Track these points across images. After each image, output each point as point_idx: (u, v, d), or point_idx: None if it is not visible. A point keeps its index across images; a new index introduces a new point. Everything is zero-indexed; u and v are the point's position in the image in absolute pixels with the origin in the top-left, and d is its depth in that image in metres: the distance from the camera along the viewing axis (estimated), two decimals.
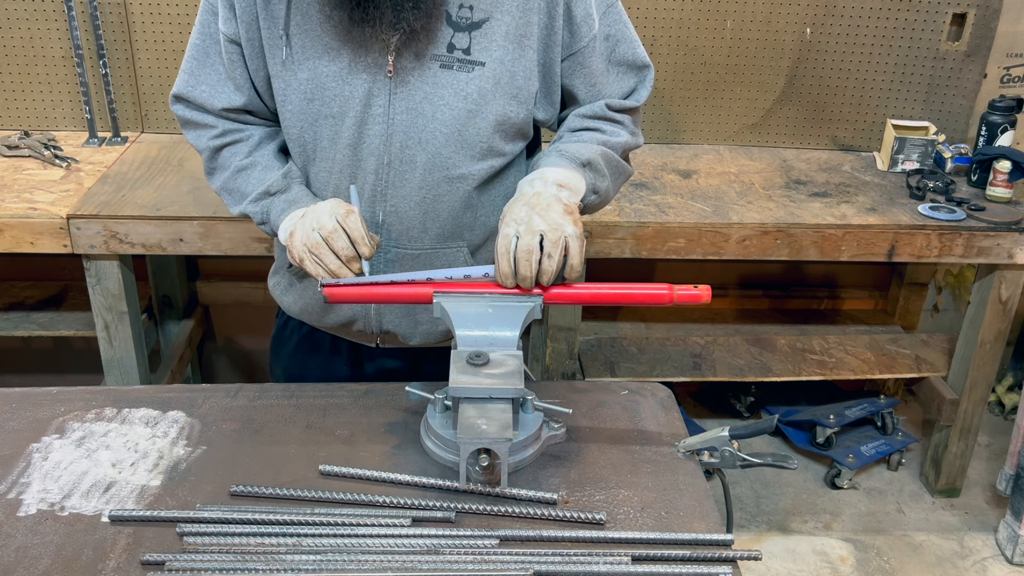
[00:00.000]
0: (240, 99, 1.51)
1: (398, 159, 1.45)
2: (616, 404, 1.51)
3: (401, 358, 1.69)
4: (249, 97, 1.51)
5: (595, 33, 1.47)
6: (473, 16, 1.41)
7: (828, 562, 2.66)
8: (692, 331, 2.99)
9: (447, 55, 1.41)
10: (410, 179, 1.46)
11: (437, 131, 1.44)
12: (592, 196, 1.46)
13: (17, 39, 2.68)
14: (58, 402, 1.47)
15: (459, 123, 1.43)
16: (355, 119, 1.43)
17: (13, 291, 2.88)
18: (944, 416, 2.80)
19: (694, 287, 1.34)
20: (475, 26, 1.41)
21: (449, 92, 1.42)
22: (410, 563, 1.14)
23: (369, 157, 1.45)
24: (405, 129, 1.43)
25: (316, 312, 1.61)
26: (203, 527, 1.19)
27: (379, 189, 1.47)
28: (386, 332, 1.60)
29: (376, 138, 1.44)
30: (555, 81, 1.50)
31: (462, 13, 1.40)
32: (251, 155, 1.53)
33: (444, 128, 1.43)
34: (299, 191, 1.50)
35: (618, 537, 1.20)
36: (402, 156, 1.45)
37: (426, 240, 1.51)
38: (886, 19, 2.80)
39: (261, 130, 1.56)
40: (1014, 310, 2.63)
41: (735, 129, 2.96)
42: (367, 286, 1.39)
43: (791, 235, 2.44)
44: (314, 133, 1.47)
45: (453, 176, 1.47)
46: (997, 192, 2.60)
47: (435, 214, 1.49)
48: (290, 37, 1.43)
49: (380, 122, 1.43)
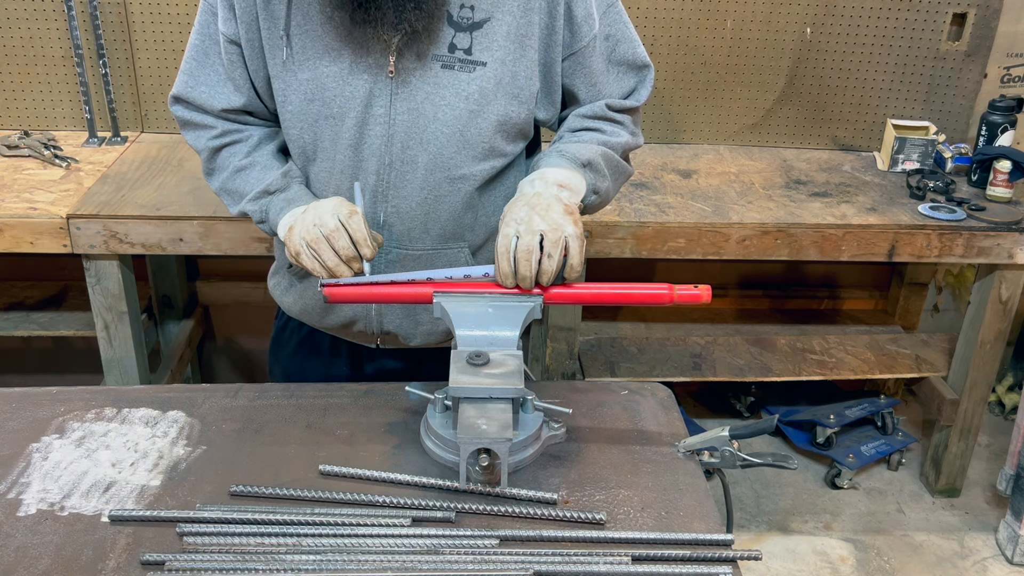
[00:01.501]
0: (239, 100, 1.50)
1: (399, 159, 1.45)
2: (616, 404, 1.51)
3: (401, 359, 1.69)
4: (248, 98, 1.51)
5: (595, 33, 1.47)
6: (474, 16, 1.40)
7: (828, 562, 2.66)
8: (692, 331, 2.99)
9: (448, 55, 1.41)
10: (411, 179, 1.46)
11: (439, 131, 1.43)
12: (592, 196, 1.46)
13: (17, 39, 2.68)
14: (58, 402, 1.47)
15: (460, 123, 1.43)
16: (356, 120, 1.43)
17: (13, 291, 2.88)
18: (944, 416, 2.80)
19: (694, 287, 1.34)
20: (476, 26, 1.41)
21: (451, 92, 1.42)
22: (410, 563, 1.14)
23: (370, 158, 1.45)
24: (407, 130, 1.43)
25: (316, 313, 1.61)
26: (203, 527, 1.19)
27: (380, 189, 1.47)
28: (387, 333, 1.60)
29: (377, 139, 1.44)
30: (556, 81, 1.50)
31: (463, 13, 1.40)
32: (250, 155, 1.53)
33: (446, 128, 1.43)
34: (298, 190, 1.50)
35: (618, 537, 1.20)
36: (403, 156, 1.45)
37: (427, 240, 1.51)
38: (886, 19, 2.80)
39: (260, 131, 1.56)
40: (1014, 310, 2.63)
41: (735, 129, 2.96)
42: (367, 286, 1.39)
43: (791, 235, 2.44)
44: (314, 134, 1.47)
45: (455, 176, 1.47)
46: (997, 192, 2.60)
47: (436, 214, 1.49)
48: (291, 38, 1.42)
49: (381, 123, 1.43)
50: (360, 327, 1.60)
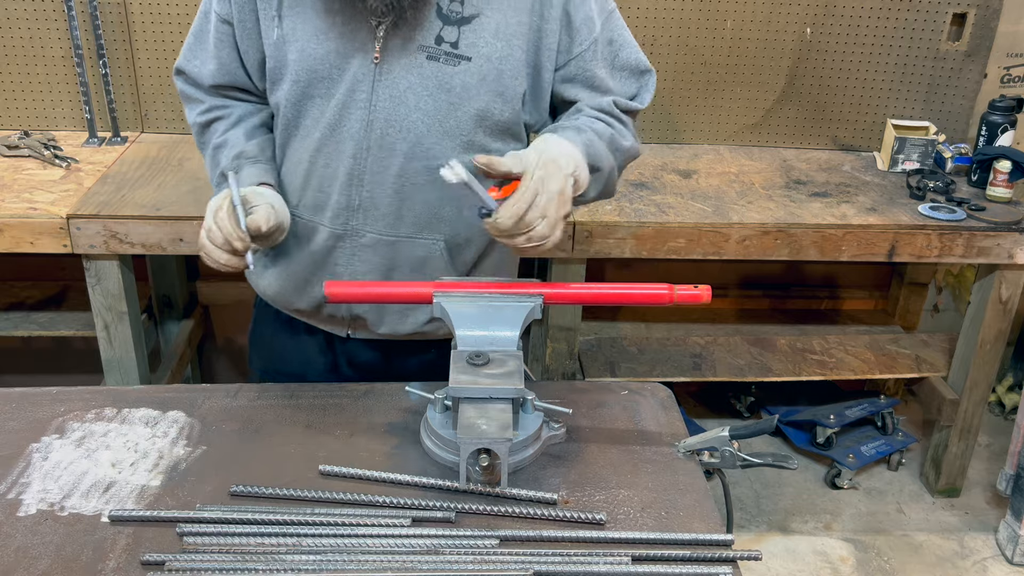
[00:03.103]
0: (225, 78, 1.54)
1: (377, 145, 1.46)
2: (616, 404, 1.51)
3: (374, 349, 1.68)
4: (234, 76, 1.54)
5: (596, 36, 1.47)
6: (463, 11, 1.42)
7: (828, 562, 2.66)
8: (692, 331, 2.99)
9: (434, 47, 1.42)
10: (389, 166, 1.47)
11: (419, 120, 1.45)
12: (578, 202, 1.45)
13: (17, 39, 2.68)
14: (58, 402, 1.47)
15: (440, 114, 1.45)
16: (339, 102, 1.45)
17: (13, 291, 2.88)
18: (944, 416, 2.80)
19: (694, 287, 1.34)
20: (465, 21, 1.42)
21: (433, 83, 1.43)
22: (410, 563, 1.14)
23: (348, 141, 1.47)
24: (387, 116, 1.45)
25: (289, 295, 1.61)
26: (203, 527, 1.19)
27: (356, 173, 1.48)
28: (356, 317, 1.60)
29: (356, 123, 1.45)
30: (543, 87, 1.50)
31: (453, 7, 1.41)
32: (225, 134, 1.56)
33: (426, 118, 1.44)
34: (247, 172, 1.50)
35: (618, 537, 1.20)
36: (382, 142, 1.46)
37: (401, 228, 1.51)
38: (886, 19, 2.80)
39: (243, 107, 1.59)
40: (1014, 310, 2.63)
41: (735, 129, 2.96)
42: (367, 285, 1.40)
43: (791, 235, 2.44)
44: (297, 112, 1.49)
45: (432, 167, 1.46)
46: (997, 192, 2.60)
47: (411, 203, 1.50)
48: (282, 18, 1.45)
49: (362, 107, 1.45)
50: (330, 310, 1.60)
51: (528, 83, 1.49)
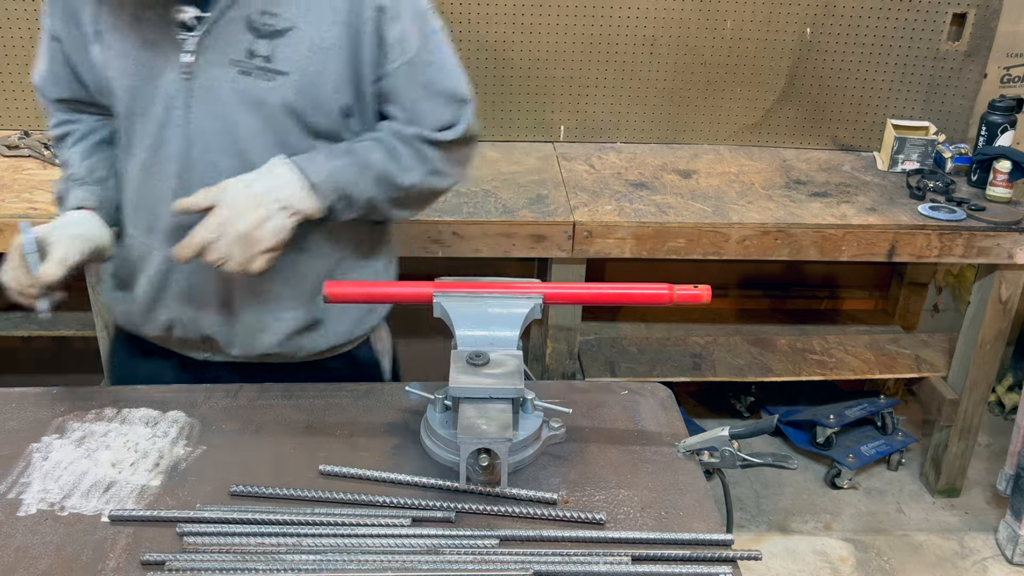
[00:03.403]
0: (65, 92, 1.53)
1: (200, 162, 1.42)
2: (616, 404, 1.51)
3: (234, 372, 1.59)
4: (73, 91, 1.52)
5: (410, 57, 1.42)
6: (276, 24, 1.37)
7: (828, 562, 2.66)
8: (692, 331, 2.99)
9: (246, 61, 1.37)
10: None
11: (240, 137, 1.40)
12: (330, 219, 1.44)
13: (17, 39, 2.68)
14: (58, 402, 1.47)
15: (259, 130, 1.40)
16: (158, 121, 1.42)
17: None
18: (944, 416, 2.80)
19: (694, 287, 1.34)
20: (278, 34, 1.37)
21: (249, 99, 1.38)
22: (410, 563, 1.14)
23: (171, 161, 1.43)
24: (204, 135, 1.41)
25: (136, 319, 1.58)
26: (203, 527, 1.19)
27: (182, 193, 1.41)
28: (206, 338, 1.55)
29: (177, 141, 1.42)
30: (365, 101, 1.46)
31: (265, 20, 1.37)
32: (70, 150, 1.55)
33: (246, 135, 1.40)
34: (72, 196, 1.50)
35: (618, 537, 1.20)
36: (204, 160, 1.42)
37: None
38: (886, 19, 2.80)
39: (90, 122, 1.56)
40: (1014, 310, 2.64)
41: (735, 129, 2.96)
42: (367, 285, 1.40)
43: (791, 235, 2.44)
44: (127, 130, 1.47)
45: None
46: (997, 192, 2.60)
47: None
48: (102, 34, 1.42)
49: (179, 124, 1.41)
50: (179, 333, 1.55)
51: (351, 97, 1.44)
